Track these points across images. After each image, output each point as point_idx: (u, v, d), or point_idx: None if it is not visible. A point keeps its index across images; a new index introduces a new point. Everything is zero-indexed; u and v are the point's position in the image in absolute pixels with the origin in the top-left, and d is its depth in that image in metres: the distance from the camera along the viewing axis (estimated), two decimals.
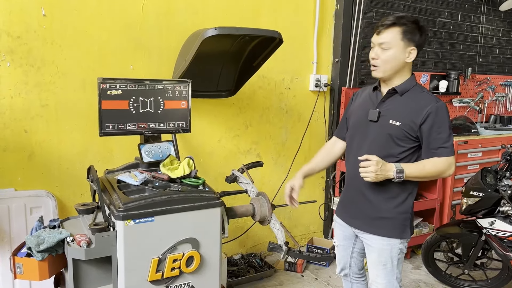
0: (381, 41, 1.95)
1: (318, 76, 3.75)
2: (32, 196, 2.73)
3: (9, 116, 2.64)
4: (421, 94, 1.99)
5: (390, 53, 1.94)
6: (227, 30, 2.59)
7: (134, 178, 2.38)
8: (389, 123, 1.98)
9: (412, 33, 1.92)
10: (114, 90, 2.35)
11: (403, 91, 1.99)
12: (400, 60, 1.95)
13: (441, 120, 1.93)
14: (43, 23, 2.65)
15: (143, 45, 2.97)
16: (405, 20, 1.92)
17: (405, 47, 1.93)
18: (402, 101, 1.99)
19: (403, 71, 2.00)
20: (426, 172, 1.96)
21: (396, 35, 1.92)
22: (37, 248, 2.14)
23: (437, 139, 1.94)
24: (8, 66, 2.60)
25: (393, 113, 1.99)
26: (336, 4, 3.76)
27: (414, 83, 2.02)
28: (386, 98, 2.04)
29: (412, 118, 1.94)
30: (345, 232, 2.30)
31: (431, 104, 1.93)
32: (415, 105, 1.96)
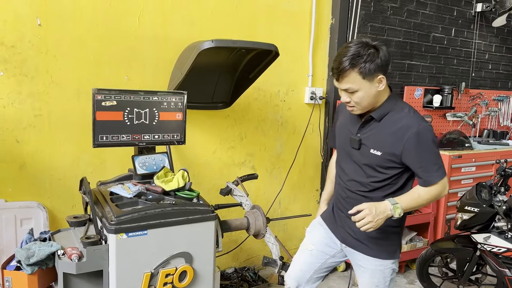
0: (344, 88, 1.81)
1: (314, 89, 3.75)
2: (23, 207, 2.68)
3: (1, 125, 2.60)
4: (401, 117, 1.83)
5: (359, 94, 1.79)
6: (223, 42, 2.59)
7: (127, 190, 2.35)
8: (370, 152, 1.87)
9: (370, 66, 1.74)
10: (108, 101, 2.33)
11: (381, 116, 1.85)
12: (372, 94, 1.81)
13: (424, 145, 1.80)
14: (38, 33, 2.63)
15: (139, 56, 2.96)
16: (357, 58, 1.73)
17: (370, 82, 1.78)
18: (381, 127, 1.86)
19: (380, 97, 1.86)
20: (422, 200, 1.86)
21: (356, 78, 1.76)
22: (27, 262, 2.10)
23: (424, 167, 1.82)
24: (1, 75, 2.57)
25: (373, 141, 1.87)
26: (332, 18, 3.78)
27: (393, 104, 1.87)
28: (364, 123, 1.91)
29: (392, 148, 1.82)
30: (327, 240, 2.15)
31: (411, 130, 1.78)
32: (395, 132, 1.82)
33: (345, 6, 3.75)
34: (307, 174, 3.93)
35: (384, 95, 1.86)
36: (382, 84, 1.80)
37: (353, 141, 1.92)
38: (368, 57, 1.73)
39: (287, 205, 3.86)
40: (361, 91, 1.77)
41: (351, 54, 1.73)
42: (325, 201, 2.28)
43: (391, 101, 1.86)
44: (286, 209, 3.84)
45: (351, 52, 1.73)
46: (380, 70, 1.77)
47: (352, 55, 1.73)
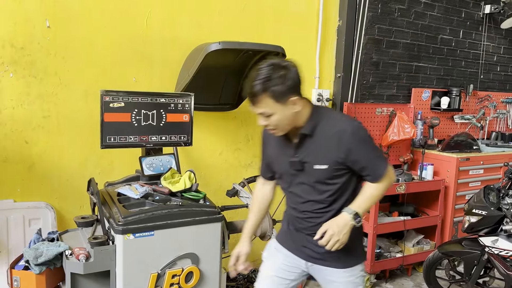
0: (259, 112, 1.74)
1: (320, 90, 3.74)
2: (31, 207, 2.71)
3: (10, 127, 2.63)
4: (332, 124, 1.78)
5: (275, 118, 1.72)
6: (230, 44, 2.61)
7: (135, 191, 2.36)
8: (315, 169, 1.79)
9: (281, 88, 1.66)
10: (116, 103, 2.35)
11: (312, 130, 1.78)
12: (289, 116, 1.72)
13: (362, 143, 1.77)
14: (47, 35, 2.65)
15: (147, 58, 2.97)
16: (268, 82, 1.65)
17: (284, 105, 1.69)
18: (316, 140, 1.79)
19: (300, 116, 1.77)
20: (376, 197, 1.83)
21: (269, 102, 1.68)
22: (35, 261, 2.12)
23: (370, 164, 1.79)
24: (11, 77, 2.60)
25: (314, 157, 1.79)
26: (339, 20, 3.78)
27: (319, 115, 1.80)
28: (299, 143, 1.82)
29: (335, 156, 1.76)
30: (288, 265, 2.00)
31: (346, 132, 1.74)
32: (331, 140, 1.76)
33: (352, 8, 3.75)
34: None
35: (306, 111, 1.78)
36: (297, 106, 1.72)
37: (294, 164, 1.83)
38: (278, 80, 1.66)
39: None
40: (276, 114, 1.71)
41: (261, 78, 1.66)
42: (248, 237, 2.04)
43: (316, 113, 1.79)
44: None
45: (261, 76, 1.66)
46: (292, 92, 1.69)
47: (263, 79, 1.66)
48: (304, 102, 1.77)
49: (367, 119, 3.90)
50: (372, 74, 3.99)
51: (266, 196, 2.09)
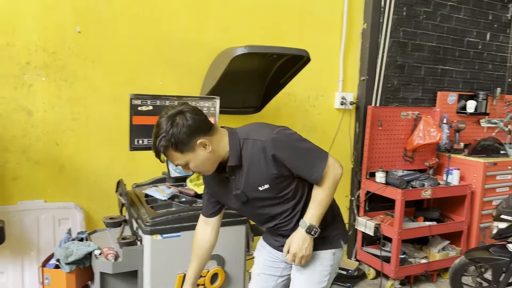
0: (175, 164, 1.70)
1: (344, 94, 3.74)
2: (61, 208, 2.78)
3: (42, 129, 2.71)
4: (252, 146, 1.69)
5: (192, 165, 1.67)
6: (256, 48, 2.62)
7: (162, 192, 2.41)
8: (260, 190, 1.73)
9: (180, 139, 1.59)
10: (145, 106, 2.40)
11: (238, 160, 1.70)
12: (205, 158, 1.66)
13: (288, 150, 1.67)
14: (77, 40, 2.73)
15: (173, 62, 3.02)
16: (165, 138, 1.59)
17: (192, 151, 1.63)
18: (246, 167, 1.71)
19: (218, 152, 1.70)
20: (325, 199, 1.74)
21: (176, 155, 1.64)
22: (66, 260, 2.17)
23: (299, 170, 1.70)
24: (43, 80, 2.68)
25: (252, 181, 1.72)
26: (364, 23, 3.76)
27: (237, 142, 1.70)
28: (233, 175, 1.76)
29: (269, 172, 1.68)
30: (270, 260, 2.00)
31: (267, 148, 1.65)
32: (258, 160, 1.68)
33: (377, 11, 3.73)
34: None
35: (222, 144, 1.70)
36: (208, 146, 1.64)
37: (239, 197, 1.77)
38: (174, 129, 1.59)
39: None
40: (191, 162, 1.66)
41: (159, 135, 1.61)
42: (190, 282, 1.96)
43: (234, 141, 1.70)
44: None
45: (159, 133, 1.61)
46: (194, 136, 1.61)
47: (160, 136, 1.61)
48: (217, 136, 1.69)
49: (392, 123, 3.87)
50: (397, 77, 3.96)
51: (206, 240, 1.96)
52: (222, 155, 1.71)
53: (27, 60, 2.63)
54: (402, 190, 3.43)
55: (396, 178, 3.57)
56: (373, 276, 3.79)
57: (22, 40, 2.61)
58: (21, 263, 2.68)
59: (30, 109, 2.67)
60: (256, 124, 1.83)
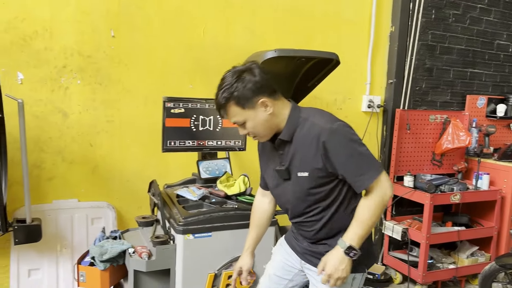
0: (232, 121, 1.68)
1: (371, 97, 3.73)
2: (94, 207, 2.86)
3: (77, 130, 2.80)
4: (309, 128, 1.62)
5: (249, 124, 1.64)
6: (286, 52, 2.65)
7: (192, 193, 2.45)
8: (298, 176, 1.67)
9: (244, 93, 1.59)
10: (177, 109, 2.46)
11: (290, 135, 1.66)
12: (264, 120, 1.63)
13: (339, 148, 1.57)
14: (111, 44, 2.81)
15: (203, 65, 3.08)
16: (229, 89, 1.59)
17: (253, 109, 1.61)
18: (296, 146, 1.66)
19: (277, 119, 1.66)
20: (368, 220, 1.60)
21: (236, 110, 1.62)
22: (100, 258, 2.24)
23: (349, 172, 1.59)
24: (78, 83, 2.77)
25: (295, 163, 1.67)
26: (391, 26, 3.75)
27: (297, 118, 1.66)
28: (282, 150, 1.72)
29: (314, 163, 1.62)
30: (286, 262, 1.94)
31: (322, 137, 1.57)
32: (309, 146, 1.61)
33: (406, 14, 3.71)
34: None
35: (283, 113, 1.67)
36: (269, 107, 1.62)
37: (282, 173, 1.72)
38: (239, 83, 1.59)
39: None
40: (249, 120, 1.63)
41: (223, 87, 1.61)
42: (249, 251, 1.97)
43: (294, 116, 1.66)
44: None
45: (223, 85, 1.62)
46: (258, 93, 1.60)
47: (224, 88, 1.61)
48: (280, 102, 1.66)
49: (420, 126, 3.83)
50: (425, 80, 3.92)
51: (264, 210, 1.98)
52: (279, 125, 1.67)
53: (63, 64, 2.73)
54: (431, 194, 3.40)
55: (424, 182, 3.53)
56: (399, 281, 3.75)
57: (59, 44, 2.71)
58: (56, 260, 2.77)
59: (66, 111, 2.77)
60: (320, 110, 1.74)
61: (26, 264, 2.70)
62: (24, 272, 2.70)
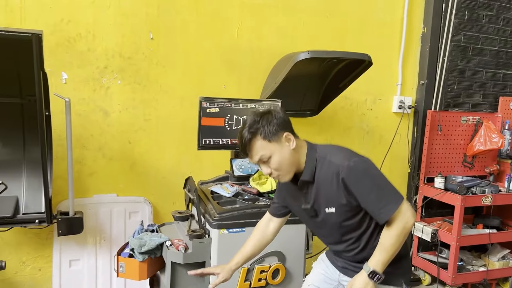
0: (257, 158, 1.71)
1: (402, 97, 3.73)
2: (132, 201, 2.99)
3: (117, 128, 2.94)
4: (328, 166, 1.69)
5: (274, 159, 1.69)
6: (318, 53, 2.71)
7: (226, 190, 2.54)
8: (327, 212, 1.74)
9: (270, 127, 1.67)
10: (212, 108, 2.55)
11: (311, 175, 1.72)
12: (288, 155, 1.70)
13: (358, 182, 1.64)
14: (150, 46, 2.93)
15: (236, 66, 3.17)
16: (255, 125, 1.68)
17: (279, 142, 1.68)
18: (318, 185, 1.73)
19: (298, 156, 1.73)
20: (391, 246, 1.66)
21: (262, 144, 1.68)
22: (139, 250, 2.35)
23: (370, 205, 1.65)
24: (119, 83, 2.90)
25: (322, 201, 1.75)
26: (423, 27, 3.75)
27: (315, 158, 1.72)
28: (305, 189, 1.78)
29: (339, 199, 1.69)
30: (325, 275, 2.01)
31: (341, 174, 1.64)
32: (330, 183, 1.69)
33: (438, 15, 3.70)
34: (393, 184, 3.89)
35: (302, 152, 1.74)
36: (292, 142, 1.70)
37: (308, 211, 1.80)
38: (264, 121, 1.68)
39: None
40: (275, 155, 1.68)
41: (247, 125, 1.70)
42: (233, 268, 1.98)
43: (311, 156, 1.73)
44: None
45: (247, 124, 1.70)
46: (282, 128, 1.69)
47: (249, 125, 1.69)
48: (299, 141, 1.75)
49: (451, 128, 3.81)
50: (457, 82, 3.90)
51: (266, 235, 2.03)
52: (300, 162, 1.74)
53: (105, 65, 2.87)
54: (462, 196, 3.38)
55: (455, 184, 3.52)
56: (428, 282, 3.75)
57: (101, 46, 2.84)
58: (95, 252, 2.91)
59: (107, 109, 2.91)
60: (336, 147, 1.82)
61: (67, 255, 2.86)
62: (66, 262, 2.86)
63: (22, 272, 2.86)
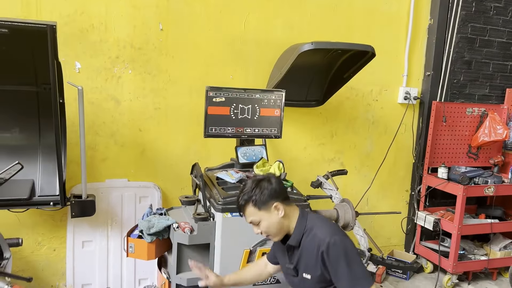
0: (249, 221, 1.95)
1: (408, 89, 3.78)
2: (142, 187, 3.12)
3: (128, 116, 3.06)
4: (312, 237, 1.88)
5: (263, 224, 1.91)
6: (322, 44, 2.78)
7: (231, 176, 2.64)
8: (304, 277, 1.94)
9: (261, 197, 1.87)
10: (218, 98, 2.65)
11: (298, 241, 1.92)
12: (276, 222, 1.90)
13: (334, 261, 1.80)
14: (160, 37, 3.03)
15: (243, 57, 3.26)
16: (249, 193, 1.89)
17: (268, 211, 1.89)
18: (302, 251, 1.92)
19: (288, 221, 1.94)
20: None
21: (253, 211, 1.90)
22: (148, 231, 2.47)
23: (341, 281, 1.81)
24: (130, 73, 3.01)
25: (302, 266, 1.94)
26: (430, 19, 3.78)
27: (304, 226, 1.92)
28: (291, 251, 1.99)
29: (316, 269, 1.87)
30: None
31: (320, 248, 1.82)
32: (311, 253, 1.87)
33: (445, 7, 3.73)
34: (397, 174, 3.97)
35: (292, 218, 1.94)
36: (281, 211, 1.89)
37: (290, 270, 2.00)
38: (257, 189, 1.88)
39: (375, 203, 3.93)
40: (263, 221, 1.90)
41: (244, 191, 1.91)
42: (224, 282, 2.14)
43: (301, 223, 1.93)
44: (374, 207, 3.91)
45: (244, 190, 1.92)
46: (273, 198, 1.88)
47: (244, 192, 1.91)
48: (291, 208, 1.95)
49: (456, 119, 3.86)
50: (463, 73, 3.93)
51: (260, 274, 2.23)
52: (289, 227, 1.95)
53: (116, 55, 2.98)
54: (464, 186, 3.44)
55: (458, 174, 3.58)
56: (430, 270, 3.83)
57: (113, 37, 2.95)
58: (106, 234, 3.05)
59: (118, 98, 3.02)
60: (323, 220, 2.01)
61: (80, 236, 3.00)
62: (79, 243, 3.01)
63: (38, 252, 3.01)
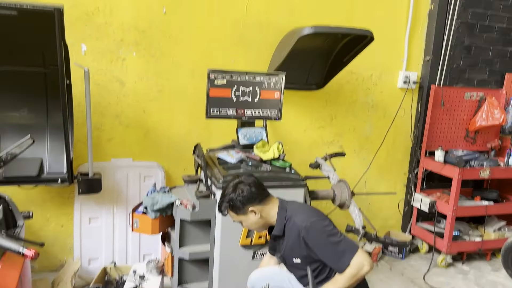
0: (232, 221, 2.15)
1: (408, 73, 3.83)
2: (146, 166, 3.23)
3: (133, 98, 3.15)
4: (292, 225, 2.02)
5: (244, 224, 2.13)
6: (322, 29, 2.84)
7: (232, 156, 2.74)
8: (293, 261, 2.09)
9: (237, 204, 2.04)
10: (220, 80, 2.73)
11: (281, 231, 2.07)
12: (255, 221, 2.09)
13: (316, 240, 1.95)
14: (163, 20, 3.10)
15: (244, 41, 3.32)
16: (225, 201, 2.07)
17: (245, 214, 2.07)
18: (287, 239, 2.07)
19: (267, 219, 2.10)
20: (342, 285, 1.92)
21: (232, 215, 2.10)
22: (152, 208, 2.59)
23: (329, 258, 1.95)
24: (134, 55, 3.09)
25: (290, 252, 2.09)
26: (431, 4, 3.81)
27: (284, 216, 2.06)
28: (277, 240, 2.16)
29: (301, 251, 2.02)
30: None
31: (301, 232, 1.97)
32: (295, 239, 2.01)
33: None
34: (395, 157, 4.05)
35: (272, 213, 2.09)
36: (257, 213, 2.06)
37: (281, 258, 2.19)
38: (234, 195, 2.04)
39: (373, 185, 4.02)
40: (243, 221, 2.11)
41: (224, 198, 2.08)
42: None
43: (281, 214, 2.07)
44: (372, 189, 3.99)
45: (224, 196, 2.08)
46: (248, 203, 2.04)
47: (223, 198, 2.08)
48: (268, 206, 2.09)
49: (454, 103, 3.91)
50: (463, 58, 3.97)
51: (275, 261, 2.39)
52: (271, 222, 2.11)
53: (121, 38, 3.05)
54: (460, 168, 3.51)
55: (454, 157, 3.65)
56: (425, 251, 3.94)
57: (118, 20, 3.02)
58: (112, 211, 3.17)
59: (123, 80, 3.11)
60: (301, 207, 2.18)
61: (87, 213, 3.12)
62: (85, 220, 3.13)
63: (47, 227, 3.14)
